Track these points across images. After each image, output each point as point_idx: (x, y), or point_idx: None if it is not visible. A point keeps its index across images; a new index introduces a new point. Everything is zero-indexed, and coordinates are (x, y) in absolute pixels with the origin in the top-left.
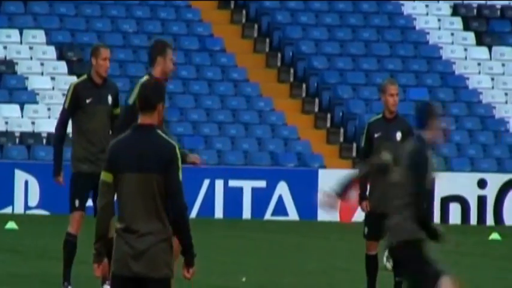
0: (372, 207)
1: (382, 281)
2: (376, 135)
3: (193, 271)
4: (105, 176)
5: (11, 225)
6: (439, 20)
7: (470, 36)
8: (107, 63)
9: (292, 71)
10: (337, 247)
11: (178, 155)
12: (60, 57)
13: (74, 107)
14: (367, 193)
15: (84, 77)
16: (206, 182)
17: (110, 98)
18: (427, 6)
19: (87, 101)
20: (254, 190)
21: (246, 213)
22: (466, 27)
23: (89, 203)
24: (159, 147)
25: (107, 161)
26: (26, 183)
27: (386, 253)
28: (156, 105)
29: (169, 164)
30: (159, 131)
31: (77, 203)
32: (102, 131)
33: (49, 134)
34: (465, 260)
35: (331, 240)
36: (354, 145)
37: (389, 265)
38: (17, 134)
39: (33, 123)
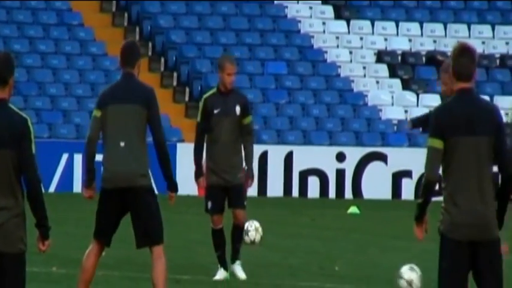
0: None
1: (243, 253)
2: (215, 111)
3: (49, 244)
4: None
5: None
6: None
7: (329, 9)
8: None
9: (150, 44)
10: (195, 221)
11: (31, 128)
12: None
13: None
14: None
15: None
16: (65, 156)
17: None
18: None
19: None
20: None
21: None
22: (325, 1)
23: None
24: (10, 122)
25: None
26: None
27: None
28: (8, 79)
29: (21, 138)
30: (11, 105)
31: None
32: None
33: None
34: (324, 234)
35: (190, 214)
36: None
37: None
38: None
39: None
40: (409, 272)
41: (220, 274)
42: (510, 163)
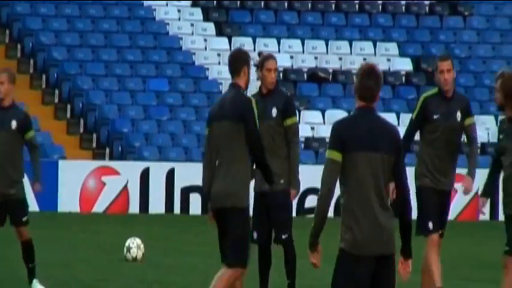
0: None
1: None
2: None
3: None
4: None
5: None
6: (179, 10)
7: (210, 26)
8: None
9: (32, 62)
10: (78, 238)
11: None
12: None
13: None
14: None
15: None
16: None
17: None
18: None
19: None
20: None
21: None
22: (206, 18)
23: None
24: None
25: None
26: None
27: None
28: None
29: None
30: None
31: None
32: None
33: None
34: (206, 250)
35: (72, 231)
36: (94, 136)
37: None
38: None
39: None
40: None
41: None
42: (406, 187)
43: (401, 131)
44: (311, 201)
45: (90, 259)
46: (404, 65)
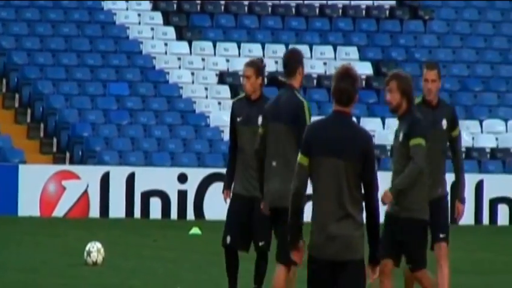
0: None
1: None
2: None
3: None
4: None
5: None
6: (139, 14)
7: (171, 30)
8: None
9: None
10: (39, 242)
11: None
12: None
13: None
14: None
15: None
16: None
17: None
18: (127, 1)
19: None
20: None
21: None
22: (166, 22)
23: None
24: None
25: None
26: None
27: None
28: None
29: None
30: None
31: None
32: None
33: None
34: (166, 254)
35: (33, 235)
36: (55, 140)
37: None
38: None
39: None
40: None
41: None
42: (373, 196)
43: None
44: None
45: (51, 263)
46: (365, 69)
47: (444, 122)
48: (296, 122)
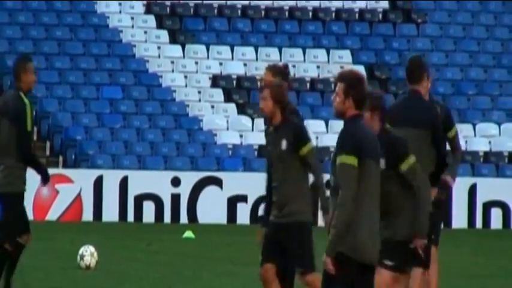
0: None
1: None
2: None
3: None
4: None
5: None
6: (132, 18)
7: (164, 34)
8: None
9: None
10: (32, 246)
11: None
12: None
13: None
14: None
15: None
16: None
17: None
18: (120, 4)
19: None
20: None
21: None
22: (160, 26)
23: None
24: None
25: None
26: None
27: None
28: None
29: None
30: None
31: None
32: None
33: None
34: (159, 258)
35: None
36: (48, 143)
37: None
38: None
39: None
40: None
41: None
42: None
43: None
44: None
45: (44, 267)
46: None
47: None
48: (431, 127)
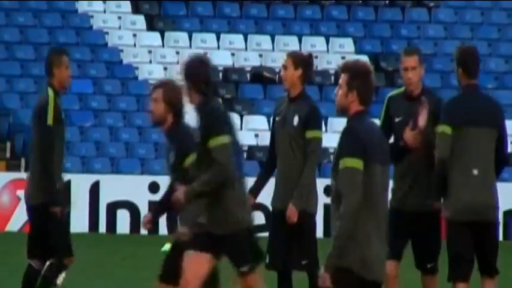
0: None
1: None
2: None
3: None
4: None
5: None
6: (104, 2)
7: (140, 20)
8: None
9: None
10: None
11: None
12: None
13: None
14: None
15: None
16: None
17: None
18: None
19: None
20: None
21: None
22: (136, 10)
23: None
24: None
25: None
26: None
27: None
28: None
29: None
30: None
31: None
32: None
33: None
34: (137, 274)
35: None
36: (8, 144)
37: None
38: None
39: None
40: None
41: None
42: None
43: None
44: None
45: (3, 283)
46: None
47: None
48: (499, 125)
